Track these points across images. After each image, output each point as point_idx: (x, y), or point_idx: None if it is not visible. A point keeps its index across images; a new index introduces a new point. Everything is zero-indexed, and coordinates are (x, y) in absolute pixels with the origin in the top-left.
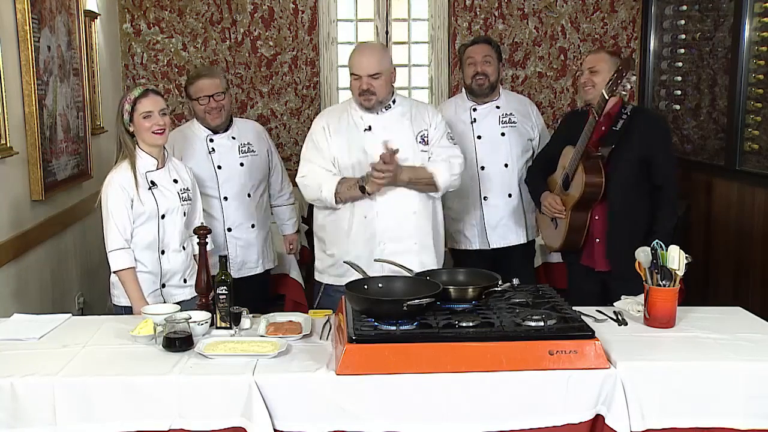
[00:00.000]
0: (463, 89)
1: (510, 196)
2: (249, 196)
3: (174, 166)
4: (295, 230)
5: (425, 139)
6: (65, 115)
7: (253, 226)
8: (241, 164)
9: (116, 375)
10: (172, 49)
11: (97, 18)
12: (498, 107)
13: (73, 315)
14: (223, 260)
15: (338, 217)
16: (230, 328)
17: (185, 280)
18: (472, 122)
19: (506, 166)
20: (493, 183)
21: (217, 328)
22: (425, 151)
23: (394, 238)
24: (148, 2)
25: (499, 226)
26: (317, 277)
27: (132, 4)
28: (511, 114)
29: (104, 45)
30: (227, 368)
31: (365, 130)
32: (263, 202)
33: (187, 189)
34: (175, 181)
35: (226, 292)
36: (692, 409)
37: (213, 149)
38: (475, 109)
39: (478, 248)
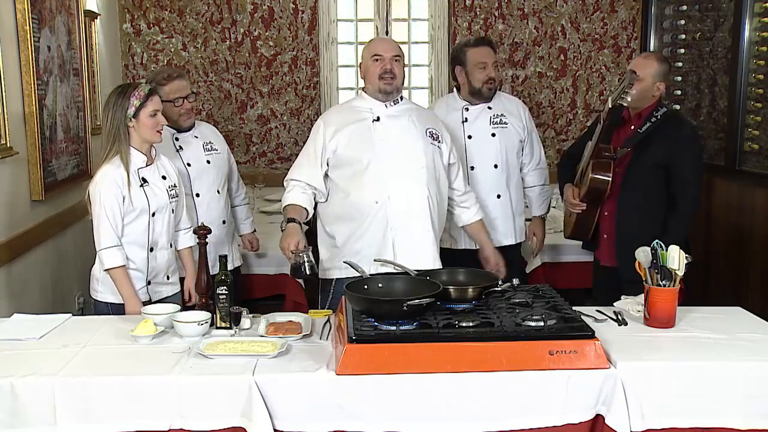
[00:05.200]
0: (455, 89)
1: (499, 197)
2: (218, 192)
3: (162, 163)
4: (252, 230)
5: (434, 135)
6: (65, 115)
7: (224, 222)
8: (208, 161)
9: (116, 375)
10: (172, 49)
11: (97, 18)
12: (490, 108)
13: (73, 315)
14: (223, 260)
15: (346, 207)
16: (230, 328)
17: (168, 277)
18: (463, 122)
19: (496, 167)
20: (482, 183)
21: (217, 328)
22: (434, 145)
23: (405, 225)
24: (148, 2)
25: (487, 226)
26: (326, 275)
27: (132, 4)
28: (502, 115)
29: (104, 45)
30: (227, 368)
31: (374, 120)
32: (228, 200)
33: (175, 185)
34: (164, 177)
35: (226, 292)
36: (692, 409)
37: (181, 147)
38: (467, 109)
39: (463, 248)
